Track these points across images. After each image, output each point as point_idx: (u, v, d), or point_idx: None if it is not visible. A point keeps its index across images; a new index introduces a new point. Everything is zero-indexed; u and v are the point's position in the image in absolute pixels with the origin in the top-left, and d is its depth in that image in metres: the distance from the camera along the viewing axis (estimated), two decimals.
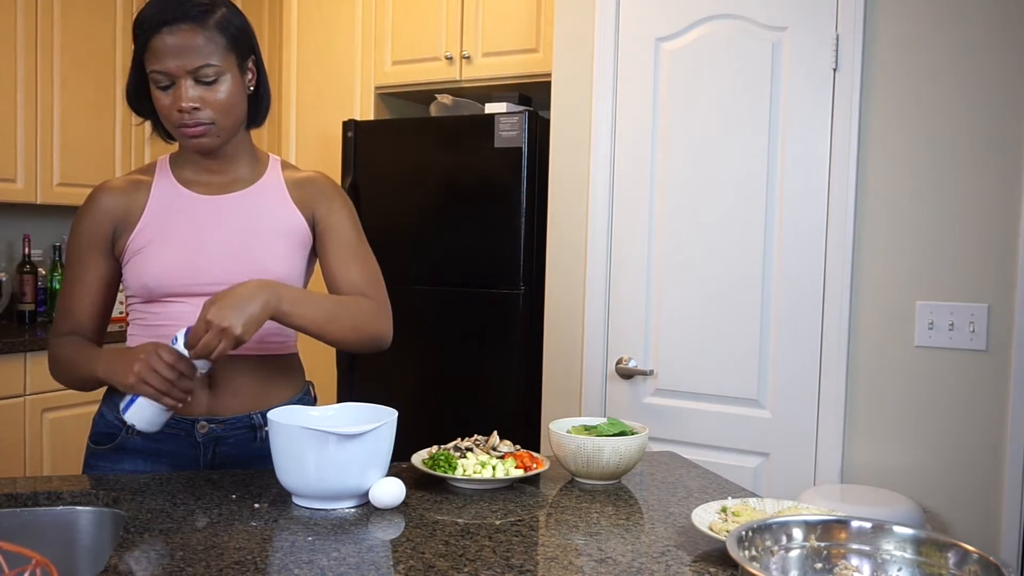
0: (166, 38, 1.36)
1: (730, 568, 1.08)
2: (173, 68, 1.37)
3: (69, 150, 3.43)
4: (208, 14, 1.39)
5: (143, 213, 1.47)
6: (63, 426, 3.12)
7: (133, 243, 1.46)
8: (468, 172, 3.01)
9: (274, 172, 1.55)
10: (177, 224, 1.47)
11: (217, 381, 1.47)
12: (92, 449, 1.52)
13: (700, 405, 2.46)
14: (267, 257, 1.47)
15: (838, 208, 2.26)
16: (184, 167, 1.52)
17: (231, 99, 1.42)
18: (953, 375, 2.15)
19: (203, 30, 1.38)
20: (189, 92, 1.38)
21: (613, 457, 1.42)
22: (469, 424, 2.99)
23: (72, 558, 1.29)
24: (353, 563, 1.06)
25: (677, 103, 2.47)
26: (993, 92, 2.10)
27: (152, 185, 1.50)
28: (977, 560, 0.90)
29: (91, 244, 1.48)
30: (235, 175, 1.52)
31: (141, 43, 1.39)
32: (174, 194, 1.49)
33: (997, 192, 2.10)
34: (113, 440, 1.49)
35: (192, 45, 1.36)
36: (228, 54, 1.41)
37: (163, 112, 1.41)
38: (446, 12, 3.30)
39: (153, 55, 1.37)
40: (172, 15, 1.36)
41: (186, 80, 1.37)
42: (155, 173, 1.52)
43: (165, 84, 1.39)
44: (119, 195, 1.49)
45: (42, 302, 3.52)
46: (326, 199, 1.55)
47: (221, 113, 1.41)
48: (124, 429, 1.48)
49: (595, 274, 2.60)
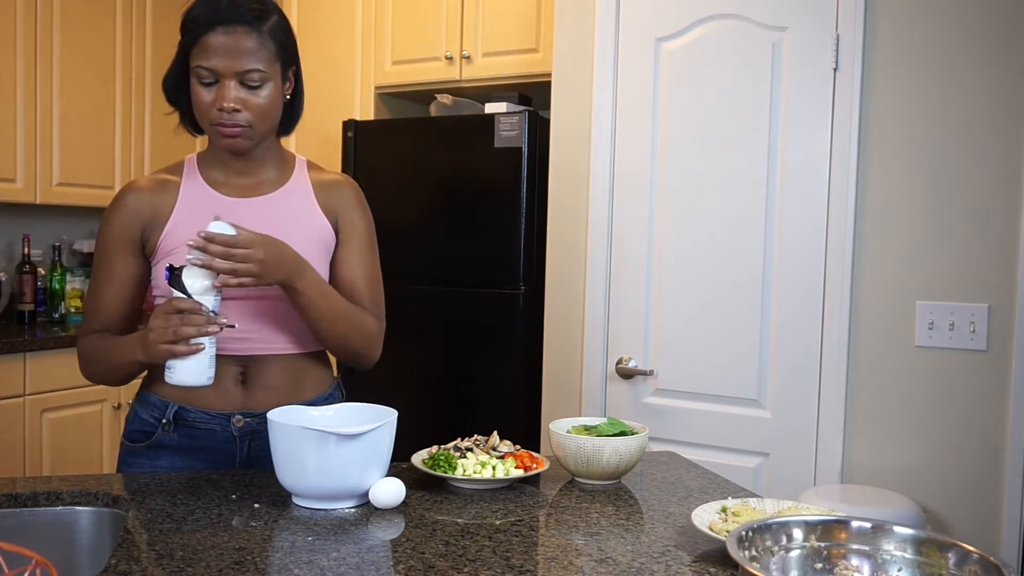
0: (219, 37, 1.37)
1: (730, 568, 1.08)
2: (221, 67, 1.37)
3: (69, 150, 3.43)
4: (262, 19, 1.40)
5: (172, 214, 1.47)
6: (63, 426, 3.12)
7: (163, 243, 1.47)
8: (468, 172, 3.01)
9: (301, 174, 1.57)
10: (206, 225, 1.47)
11: (250, 377, 1.49)
12: (128, 447, 1.53)
13: (700, 405, 2.46)
14: None
15: (838, 208, 2.26)
16: (212, 167, 1.52)
17: (270, 105, 1.43)
18: (953, 375, 2.15)
19: (257, 35, 1.39)
20: (232, 93, 1.38)
21: (613, 457, 1.42)
22: (469, 424, 2.99)
23: (72, 558, 1.29)
24: (353, 563, 1.06)
25: (677, 103, 2.47)
26: (993, 92, 2.10)
27: (180, 185, 1.50)
28: (977, 560, 0.90)
29: (119, 243, 1.48)
30: (263, 177, 1.53)
31: (192, 38, 1.39)
32: (203, 195, 1.50)
33: (997, 192, 2.10)
34: (149, 438, 1.50)
35: (244, 48, 1.38)
36: (275, 61, 1.42)
37: (201, 108, 1.41)
38: (446, 12, 3.30)
39: (202, 51, 1.38)
40: (229, 15, 1.37)
41: (231, 81, 1.38)
42: (183, 173, 1.52)
43: (209, 81, 1.39)
44: (147, 195, 1.49)
45: (41, 302, 3.52)
46: (350, 208, 1.57)
47: (259, 118, 1.42)
48: (160, 426, 1.49)
49: (595, 274, 2.60)
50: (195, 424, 1.49)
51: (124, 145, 3.65)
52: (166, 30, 3.81)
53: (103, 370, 1.47)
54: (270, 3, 1.44)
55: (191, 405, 1.48)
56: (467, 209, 3.02)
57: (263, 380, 1.50)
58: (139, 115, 3.70)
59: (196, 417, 1.49)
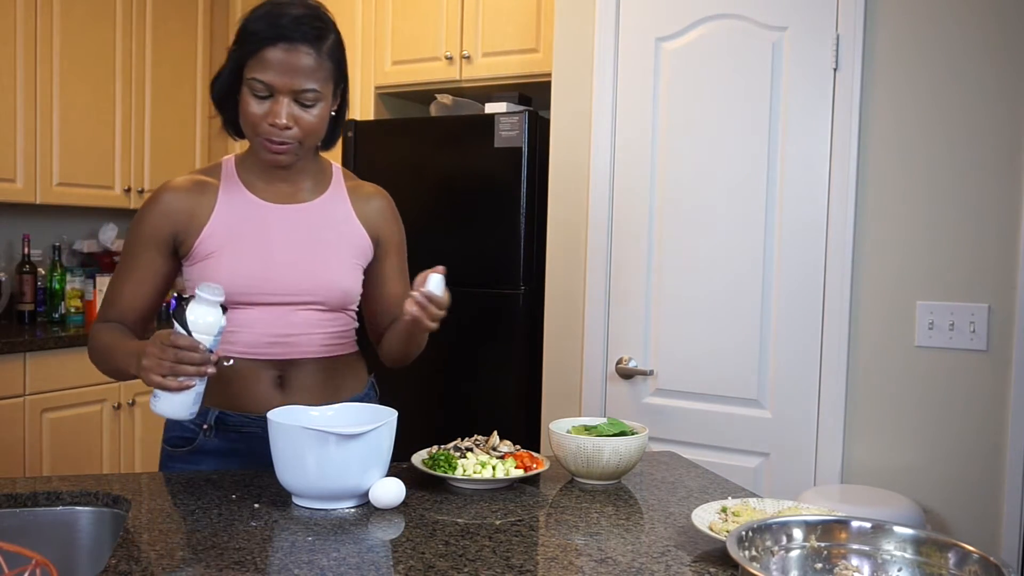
0: (279, 53, 1.36)
1: (730, 568, 1.08)
2: (278, 84, 1.37)
3: (68, 150, 3.43)
4: (323, 39, 1.40)
5: (211, 217, 1.47)
6: (63, 426, 3.12)
7: (201, 247, 1.47)
8: (468, 172, 3.01)
9: (338, 183, 1.58)
10: (247, 231, 1.48)
11: (288, 380, 1.50)
12: (168, 452, 1.54)
13: (700, 405, 2.46)
14: (335, 270, 1.52)
15: (838, 208, 2.26)
16: (251, 172, 1.52)
17: (320, 122, 1.44)
18: (953, 375, 2.15)
19: (316, 54, 1.39)
20: (286, 110, 1.38)
21: (613, 457, 1.42)
22: (469, 424, 2.99)
23: (72, 558, 1.29)
24: (353, 563, 1.06)
25: (677, 103, 2.47)
26: (993, 92, 2.10)
27: (219, 189, 1.50)
28: (977, 560, 0.90)
29: (149, 241, 1.48)
30: (302, 185, 1.54)
31: (250, 50, 1.38)
32: (242, 200, 1.50)
33: (997, 192, 2.10)
34: (191, 443, 1.51)
35: (303, 67, 1.37)
36: (329, 80, 1.43)
37: (251, 119, 1.41)
38: (446, 12, 3.30)
39: (260, 64, 1.37)
40: (291, 33, 1.36)
41: (286, 97, 1.38)
42: (221, 175, 1.52)
43: (263, 95, 1.39)
44: (184, 196, 1.48)
45: (41, 302, 3.52)
46: (388, 221, 1.62)
47: (308, 135, 1.43)
48: (201, 432, 1.50)
49: (595, 274, 2.60)
50: (236, 428, 1.50)
51: (124, 145, 3.65)
52: (166, 30, 3.81)
53: (105, 366, 1.47)
54: (330, 21, 1.44)
55: (232, 410, 1.50)
56: (467, 209, 3.02)
57: (301, 383, 1.51)
58: (139, 115, 3.70)
59: (237, 421, 1.50)
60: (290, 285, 1.47)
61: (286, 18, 1.37)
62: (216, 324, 1.27)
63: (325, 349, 1.53)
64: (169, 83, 3.83)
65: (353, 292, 1.55)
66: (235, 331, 1.46)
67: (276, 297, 1.47)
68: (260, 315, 1.47)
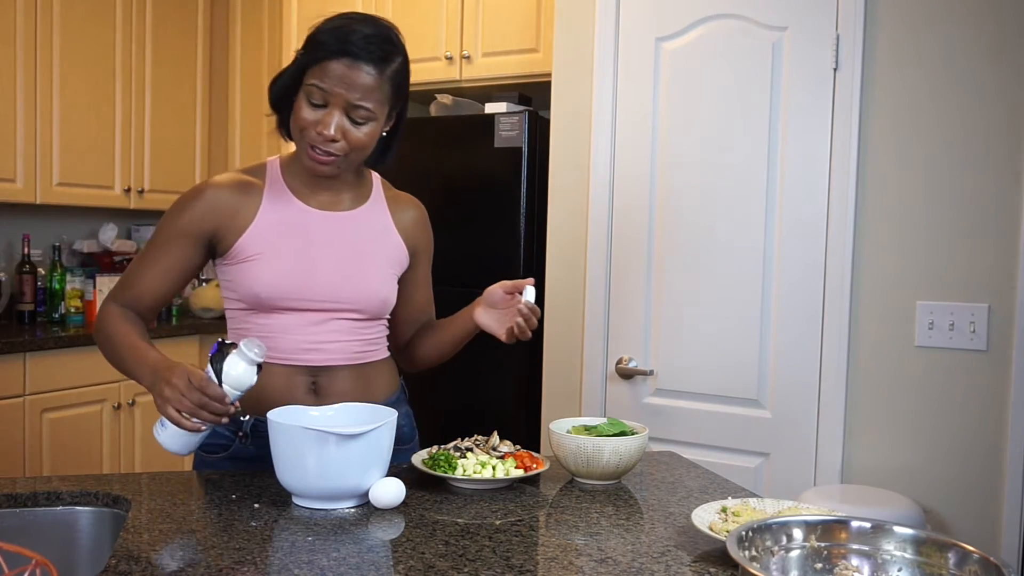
0: (344, 68, 1.37)
1: (730, 568, 1.08)
2: (334, 95, 1.38)
3: (68, 150, 3.43)
4: (388, 62, 1.41)
5: (255, 219, 1.47)
6: (63, 426, 3.12)
7: (242, 247, 1.47)
8: (468, 172, 3.01)
9: (378, 193, 1.61)
10: (290, 236, 1.48)
11: (321, 386, 1.50)
12: (203, 457, 1.54)
13: (700, 405, 2.46)
14: (375, 279, 1.53)
15: (838, 208, 2.26)
16: (296, 176, 1.52)
17: (368, 140, 1.44)
18: (953, 375, 2.15)
19: (377, 75, 1.39)
20: (336, 121, 1.39)
21: (613, 457, 1.42)
22: (469, 424, 2.99)
23: (72, 558, 1.29)
24: (353, 563, 1.06)
25: (677, 103, 2.47)
26: (993, 92, 2.10)
27: (264, 191, 1.50)
28: (977, 560, 0.90)
29: (185, 233, 1.47)
30: (345, 193, 1.55)
31: (315, 58, 1.38)
32: (286, 204, 1.50)
33: (997, 192, 2.10)
34: (226, 449, 1.51)
35: (363, 84, 1.38)
36: (385, 103, 1.43)
37: (301, 123, 1.41)
38: (446, 12, 3.30)
39: (321, 73, 1.38)
40: (358, 51, 1.37)
41: (339, 110, 1.39)
42: (266, 177, 1.52)
43: (318, 103, 1.39)
44: (229, 195, 1.48)
45: (41, 302, 3.52)
46: (425, 234, 1.67)
47: (353, 150, 1.43)
48: (237, 439, 1.50)
49: (595, 274, 2.60)
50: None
51: (124, 145, 3.65)
52: (166, 30, 3.81)
53: (111, 356, 1.45)
54: (399, 45, 1.45)
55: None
56: (467, 209, 3.02)
57: (334, 388, 1.51)
58: (139, 115, 3.70)
59: None
60: (330, 293, 1.48)
61: (356, 35, 1.38)
62: (248, 382, 1.28)
63: (359, 356, 1.53)
64: (169, 83, 3.83)
65: (390, 302, 1.57)
66: (272, 336, 1.47)
67: (315, 304, 1.47)
68: (297, 321, 1.47)
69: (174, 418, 1.25)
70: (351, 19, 1.41)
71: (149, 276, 1.48)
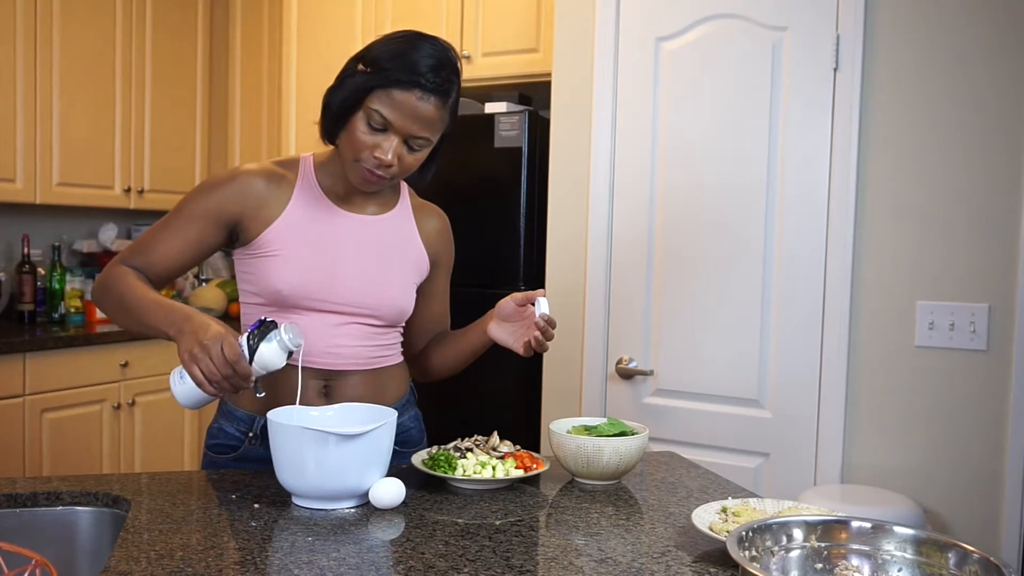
0: (412, 99, 1.36)
1: (730, 568, 1.08)
2: (398, 125, 1.37)
3: (68, 150, 3.43)
4: (449, 94, 1.41)
5: (283, 213, 1.47)
6: (63, 426, 3.12)
7: (266, 240, 1.46)
8: (468, 172, 3.01)
9: (404, 200, 1.60)
10: (316, 235, 1.47)
11: (333, 389, 1.50)
12: (211, 458, 1.54)
13: (700, 405, 2.46)
14: (396, 286, 1.53)
15: (838, 208, 2.26)
16: (329, 176, 1.52)
17: (418, 163, 1.45)
18: (953, 375, 2.15)
19: (441, 108, 1.40)
20: (395, 148, 1.39)
21: (613, 457, 1.42)
22: (469, 424, 2.99)
23: (72, 558, 1.29)
24: (353, 563, 1.06)
25: (677, 103, 2.47)
26: (993, 92, 2.10)
27: (295, 186, 1.49)
28: (977, 560, 0.90)
29: (212, 213, 1.45)
30: (374, 198, 1.55)
31: (382, 84, 1.36)
32: (315, 201, 1.49)
33: (997, 192, 2.10)
34: (236, 451, 1.52)
35: (428, 118, 1.38)
36: (441, 130, 1.45)
37: (357, 144, 1.39)
38: (446, 12, 3.30)
39: (387, 101, 1.36)
40: (429, 84, 1.36)
41: (398, 137, 1.38)
42: (298, 172, 1.51)
43: (379, 127, 1.38)
44: (261, 183, 1.47)
45: (41, 302, 3.52)
46: (446, 243, 1.67)
47: (404, 172, 1.44)
48: (247, 441, 1.50)
49: (595, 274, 2.60)
50: None
51: (124, 145, 3.65)
52: (166, 30, 3.81)
53: (119, 308, 1.41)
54: (459, 71, 1.45)
55: None
56: (467, 209, 3.02)
57: (346, 392, 1.50)
58: (139, 115, 3.70)
59: None
60: (352, 296, 1.48)
61: (423, 65, 1.36)
62: (276, 366, 1.28)
63: (373, 361, 1.53)
64: (169, 83, 3.83)
65: (408, 310, 1.57)
66: None
67: (335, 306, 1.47)
68: (315, 322, 1.46)
69: (198, 379, 1.24)
70: (415, 43, 1.39)
71: (167, 245, 1.46)
